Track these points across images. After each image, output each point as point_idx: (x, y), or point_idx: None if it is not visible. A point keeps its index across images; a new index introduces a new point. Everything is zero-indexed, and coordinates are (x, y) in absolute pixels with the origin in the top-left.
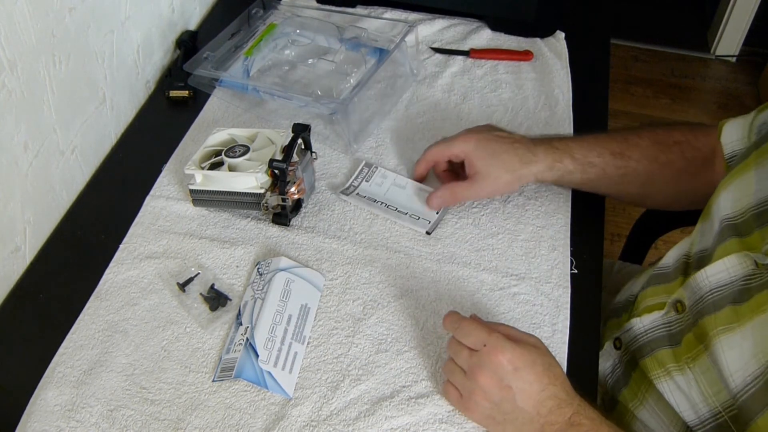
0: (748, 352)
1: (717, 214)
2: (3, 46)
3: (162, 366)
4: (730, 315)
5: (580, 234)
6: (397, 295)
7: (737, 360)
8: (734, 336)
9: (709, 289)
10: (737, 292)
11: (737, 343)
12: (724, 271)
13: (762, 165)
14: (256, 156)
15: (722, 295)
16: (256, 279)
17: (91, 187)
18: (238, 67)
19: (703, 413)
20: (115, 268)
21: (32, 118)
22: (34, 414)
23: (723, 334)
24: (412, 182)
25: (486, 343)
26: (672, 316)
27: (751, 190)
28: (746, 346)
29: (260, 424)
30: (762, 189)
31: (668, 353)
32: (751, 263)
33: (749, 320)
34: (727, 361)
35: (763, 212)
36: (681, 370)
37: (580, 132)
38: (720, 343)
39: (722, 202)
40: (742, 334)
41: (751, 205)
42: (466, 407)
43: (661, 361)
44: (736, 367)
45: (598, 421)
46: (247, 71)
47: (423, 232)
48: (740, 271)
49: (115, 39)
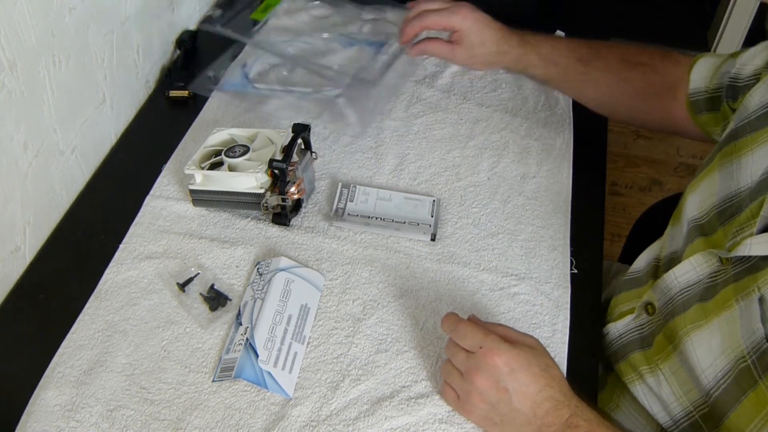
0: (717, 348)
1: (685, 217)
2: (3, 46)
3: (162, 366)
4: (698, 313)
5: (580, 234)
6: (397, 295)
7: (707, 356)
8: (702, 333)
9: (678, 290)
10: (704, 290)
11: (705, 340)
12: (691, 270)
13: (724, 166)
14: (256, 156)
15: (690, 294)
16: (256, 279)
17: (91, 187)
18: (236, 71)
19: (676, 413)
20: (115, 268)
21: (32, 118)
22: (34, 414)
23: (692, 332)
24: (395, 193)
25: (482, 345)
26: (643, 319)
27: (714, 190)
28: (714, 343)
29: (260, 424)
30: (724, 188)
31: (640, 356)
32: (716, 260)
33: (716, 316)
34: (698, 359)
35: (725, 209)
36: (652, 372)
37: (580, 127)
38: (690, 341)
39: (689, 205)
40: (709, 330)
41: (714, 204)
42: (464, 409)
43: (633, 365)
44: (707, 364)
45: (595, 422)
46: (245, 75)
47: (427, 240)
48: (706, 269)
49: (115, 39)
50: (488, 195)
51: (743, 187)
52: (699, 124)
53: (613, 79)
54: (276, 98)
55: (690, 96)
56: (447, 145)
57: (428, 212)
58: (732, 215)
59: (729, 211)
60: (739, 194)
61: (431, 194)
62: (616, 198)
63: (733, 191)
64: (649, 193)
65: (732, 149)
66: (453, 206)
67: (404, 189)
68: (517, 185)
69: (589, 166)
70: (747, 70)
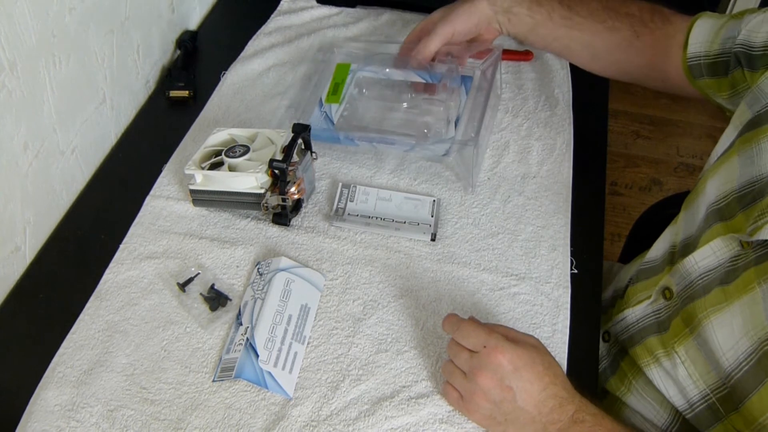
0: (738, 330)
1: (703, 202)
2: (3, 46)
3: (162, 366)
4: (719, 296)
5: (580, 234)
6: (397, 295)
7: (728, 339)
8: (723, 315)
9: (698, 274)
10: (724, 274)
11: (727, 322)
12: (711, 255)
13: (744, 151)
14: (256, 156)
15: (711, 278)
16: (256, 279)
17: (91, 187)
18: (317, 115)
19: (692, 396)
20: (115, 268)
21: (32, 118)
22: (34, 414)
23: (713, 315)
24: (395, 193)
25: (486, 344)
26: (660, 303)
27: (734, 176)
28: (736, 325)
29: (260, 424)
30: (744, 174)
31: (656, 340)
32: (737, 244)
33: (737, 299)
34: (718, 341)
35: (746, 194)
36: (668, 355)
37: (580, 132)
38: (710, 324)
39: (708, 190)
40: (731, 312)
41: (734, 189)
42: (467, 409)
43: (649, 348)
44: (728, 346)
45: (600, 416)
46: (329, 119)
47: (428, 240)
48: (727, 254)
49: (115, 39)
50: (488, 195)
51: (765, 173)
52: (697, 87)
53: (599, 27)
54: (373, 148)
55: (688, 59)
56: None
57: (428, 212)
58: (753, 200)
59: (750, 196)
60: (761, 179)
61: (431, 194)
62: (616, 198)
63: (755, 176)
64: (649, 193)
65: (753, 135)
66: (453, 206)
67: (404, 189)
68: (517, 185)
69: (589, 166)
70: (758, 38)
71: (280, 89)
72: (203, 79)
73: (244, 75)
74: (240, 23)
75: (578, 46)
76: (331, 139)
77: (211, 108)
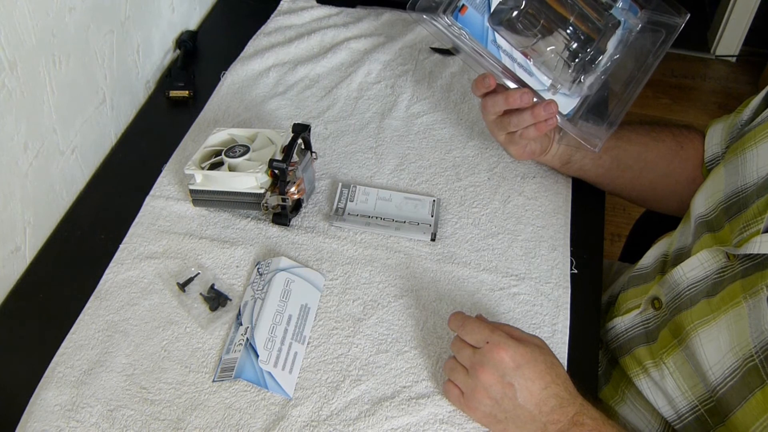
0: (725, 345)
1: (693, 213)
2: (3, 46)
3: (162, 366)
4: (704, 308)
5: (580, 234)
6: (397, 295)
7: (715, 353)
8: (711, 330)
9: (686, 285)
10: (711, 286)
11: (714, 337)
12: (698, 266)
13: (730, 161)
14: (256, 156)
15: (698, 290)
16: (256, 279)
17: (91, 187)
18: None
19: (681, 407)
20: (115, 268)
21: (32, 118)
22: (34, 414)
23: (700, 328)
24: (395, 192)
25: (488, 340)
26: (649, 314)
27: (721, 187)
28: (723, 340)
29: (260, 424)
30: (730, 184)
31: (645, 351)
32: (723, 257)
33: (723, 313)
34: (705, 355)
35: (731, 205)
36: (656, 366)
37: None
38: (698, 337)
39: (697, 201)
40: (717, 327)
41: (720, 200)
42: (468, 405)
43: (638, 359)
44: (715, 361)
45: (601, 420)
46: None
47: (427, 240)
48: (714, 265)
49: (115, 39)
50: (488, 195)
51: (749, 183)
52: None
53: (646, 140)
54: None
55: (707, 164)
56: (447, 145)
57: (428, 212)
58: (738, 211)
59: (735, 206)
60: (745, 189)
61: (431, 194)
62: (616, 198)
63: (739, 187)
64: None
65: (738, 145)
66: (453, 206)
67: (404, 189)
68: (517, 185)
69: None
70: (746, 114)
71: (280, 89)
72: (203, 79)
73: (244, 75)
74: (240, 23)
75: (627, 174)
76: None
77: (210, 108)
